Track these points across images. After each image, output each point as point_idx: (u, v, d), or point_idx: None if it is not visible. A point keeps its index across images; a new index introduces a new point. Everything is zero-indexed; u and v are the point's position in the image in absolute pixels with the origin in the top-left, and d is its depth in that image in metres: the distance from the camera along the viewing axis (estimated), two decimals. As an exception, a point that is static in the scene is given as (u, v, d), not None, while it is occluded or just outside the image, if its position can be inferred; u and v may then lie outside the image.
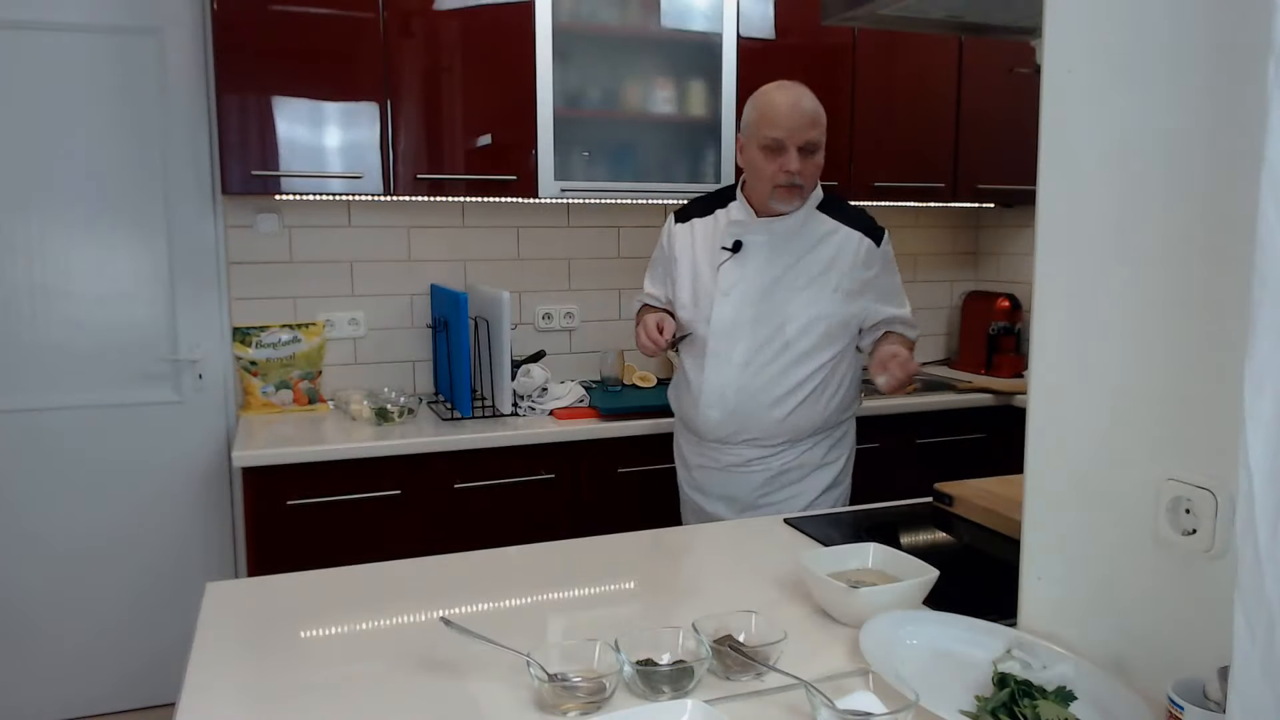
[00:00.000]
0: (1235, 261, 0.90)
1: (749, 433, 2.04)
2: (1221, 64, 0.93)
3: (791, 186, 1.95)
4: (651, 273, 2.25)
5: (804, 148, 1.94)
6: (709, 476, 2.12)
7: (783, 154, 1.93)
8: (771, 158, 1.94)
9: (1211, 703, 0.86)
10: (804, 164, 1.95)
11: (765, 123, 1.94)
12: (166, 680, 2.73)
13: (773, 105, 1.95)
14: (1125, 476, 1.06)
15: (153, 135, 2.71)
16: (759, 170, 1.97)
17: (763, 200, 2.00)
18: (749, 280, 2.01)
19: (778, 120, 1.93)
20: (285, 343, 2.79)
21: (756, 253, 2.02)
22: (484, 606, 1.36)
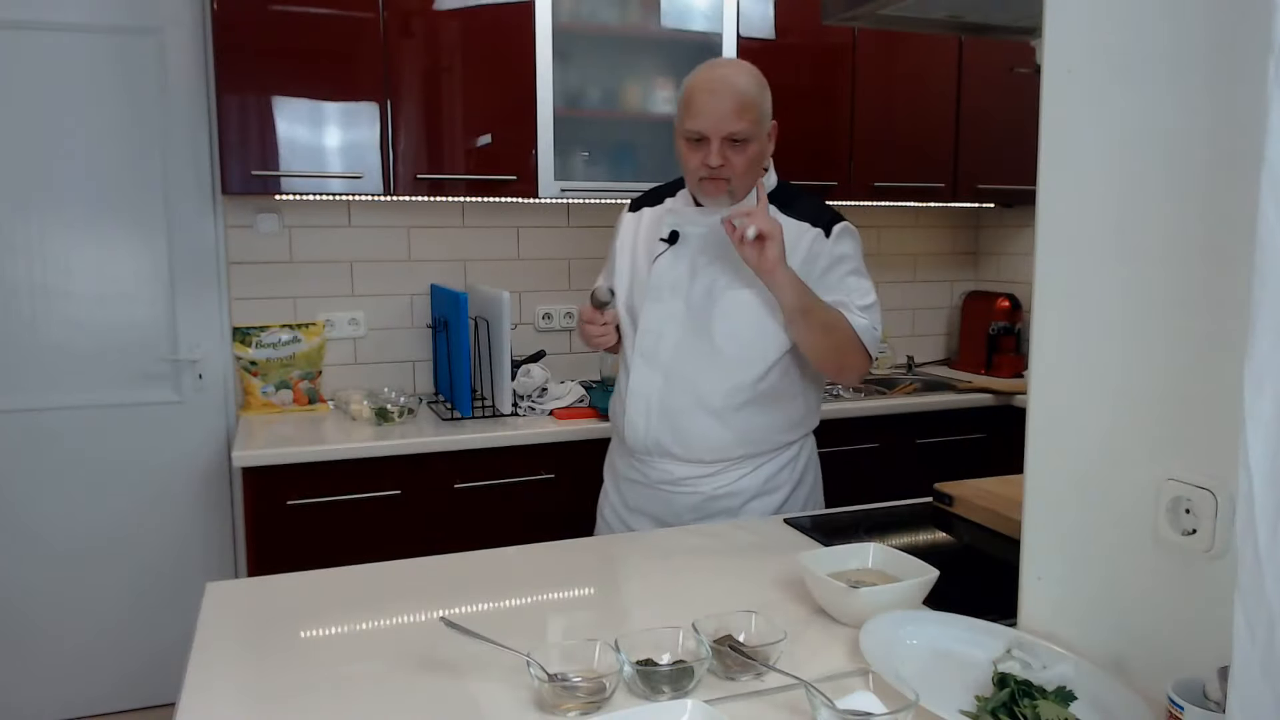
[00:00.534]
0: (1235, 261, 0.90)
1: (675, 447, 1.82)
2: (1221, 64, 0.93)
3: (716, 179, 1.77)
4: (605, 268, 2.03)
5: (731, 138, 1.73)
6: (638, 493, 1.90)
7: (704, 147, 1.74)
8: (693, 150, 1.76)
9: (1211, 703, 0.86)
10: (732, 156, 1.74)
11: (686, 112, 1.75)
12: (166, 680, 2.73)
13: (695, 94, 1.74)
14: (1125, 476, 1.06)
15: (153, 135, 2.71)
16: (684, 161, 1.80)
17: (692, 187, 1.84)
18: (683, 276, 1.82)
19: (698, 110, 1.73)
20: (285, 343, 2.79)
21: (694, 245, 1.83)
22: (484, 606, 1.36)
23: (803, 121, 3.00)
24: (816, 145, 3.05)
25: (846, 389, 3.30)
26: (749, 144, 1.75)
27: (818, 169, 3.05)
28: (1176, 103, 0.98)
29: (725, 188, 1.78)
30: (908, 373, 3.45)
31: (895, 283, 3.63)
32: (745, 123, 1.72)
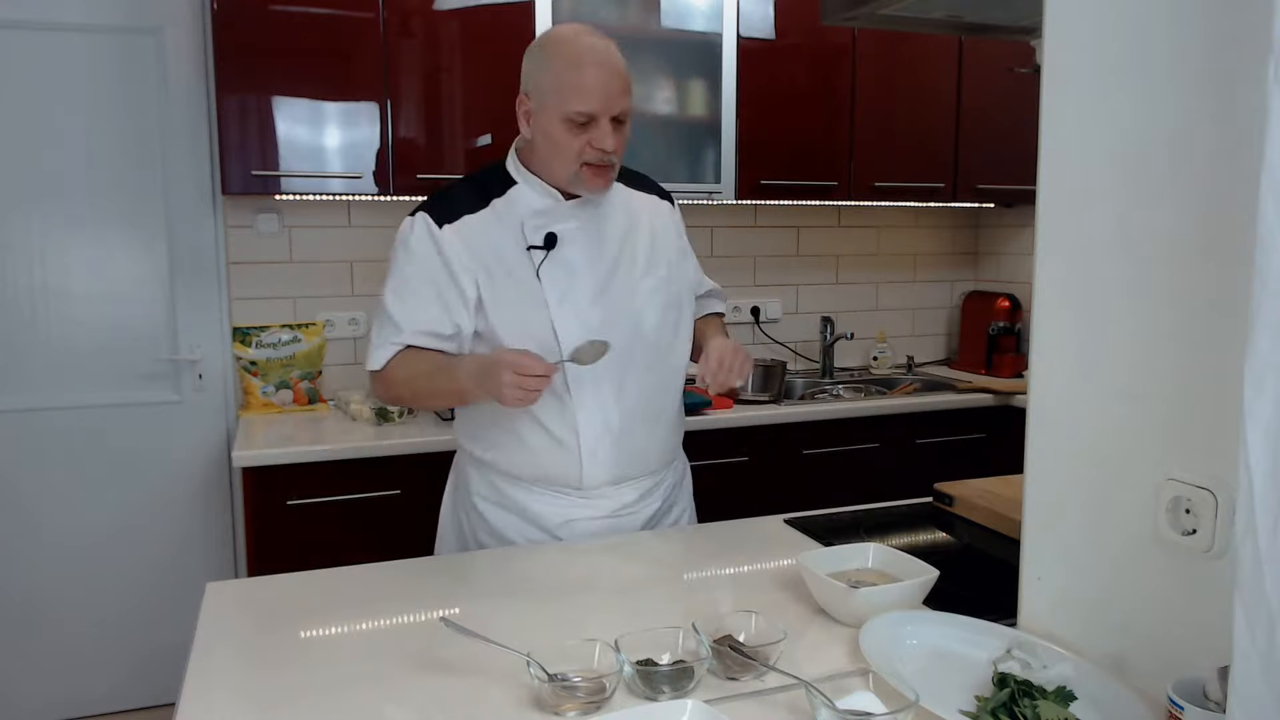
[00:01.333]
0: (1235, 261, 0.90)
1: (637, 466, 1.68)
2: (1221, 64, 0.93)
3: (603, 166, 1.57)
4: (410, 298, 1.60)
5: (617, 118, 1.56)
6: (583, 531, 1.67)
7: (592, 129, 1.54)
8: (578, 132, 1.54)
9: (1211, 703, 0.86)
10: (617, 137, 1.57)
11: (571, 92, 1.53)
12: (166, 680, 2.72)
13: (580, 69, 1.53)
14: (1125, 476, 1.06)
15: (153, 135, 2.71)
16: (560, 146, 1.56)
17: (561, 181, 1.61)
18: (580, 279, 1.61)
19: (588, 90, 1.52)
20: (285, 343, 2.79)
21: (574, 244, 1.61)
22: (484, 606, 1.36)
23: (803, 121, 3.01)
24: (816, 145, 3.05)
25: (846, 389, 3.30)
26: (626, 124, 1.60)
27: (818, 169, 3.06)
28: (1176, 103, 0.98)
29: (612, 174, 1.61)
30: (908, 373, 3.46)
31: (895, 283, 3.63)
32: (628, 100, 1.58)
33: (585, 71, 1.53)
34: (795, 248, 3.44)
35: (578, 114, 1.53)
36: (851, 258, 3.54)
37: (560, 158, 1.58)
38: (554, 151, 1.58)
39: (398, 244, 1.64)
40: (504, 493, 1.69)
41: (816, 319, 3.43)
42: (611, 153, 1.56)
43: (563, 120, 1.55)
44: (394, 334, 1.60)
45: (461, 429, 1.75)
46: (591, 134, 1.55)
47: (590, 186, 1.59)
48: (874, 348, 3.50)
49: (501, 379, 1.43)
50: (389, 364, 1.61)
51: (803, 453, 2.82)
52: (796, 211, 3.41)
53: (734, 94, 2.87)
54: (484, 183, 1.67)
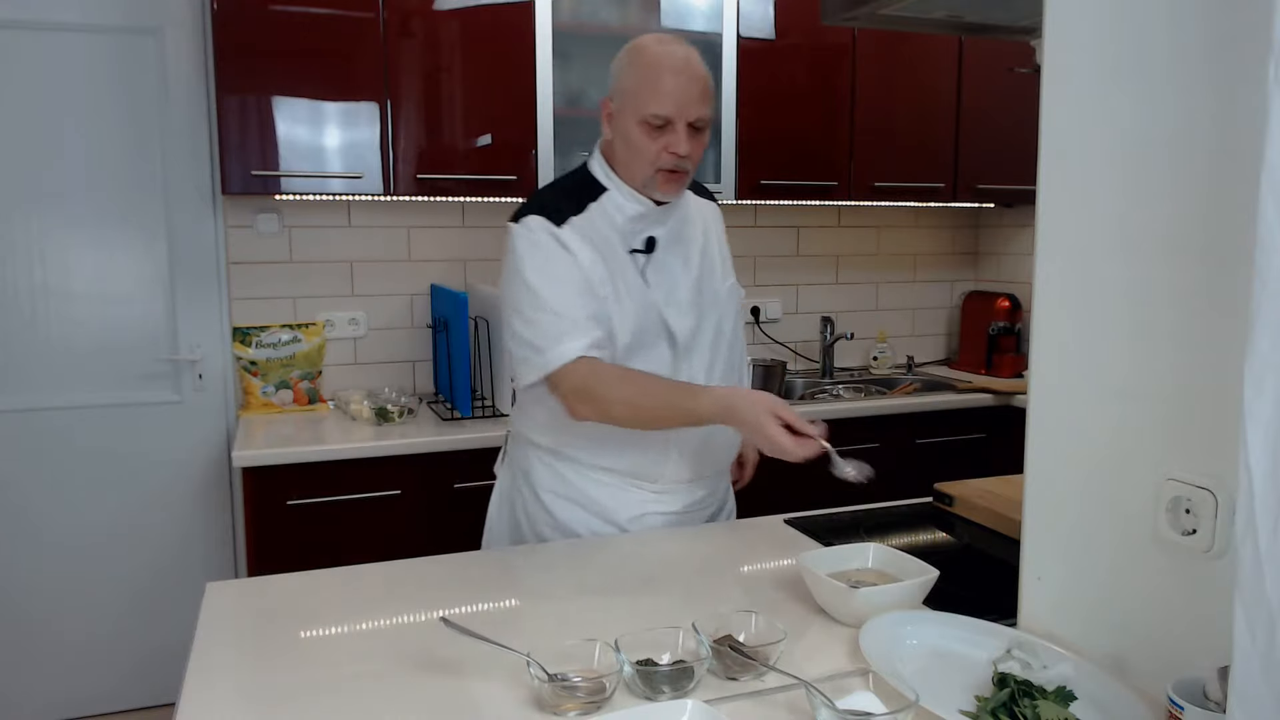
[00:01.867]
0: (1235, 261, 0.90)
1: (714, 462, 1.74)
2: (1221, 64, 0.93)
3: (676, 171, 1.61)
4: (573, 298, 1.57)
5: (694, 124, 1.59)
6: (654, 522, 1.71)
7: (669, 132, 1.58)
8: (655, 136, 1.58)
9: (1211, 703, 0.86)
10: (693, 144, 1.60)
11: (650, 94, 1.56)
12: (166, 680, 2.73)
13: (659, 72, 1.57)
14: (1125, 476, 1.06)
15: (153, 135, 2.71)
16: (638, 150, 1.59)
17: (636, 184, 1.64)
18: (678, 282, 1.67)
19: (666, 92, 1.56)
20: (285, 343, 2.79)
21: (669, 249, 1.68)
22: (484, 606, 1.36)
23: (803, 121, 3.01)
24: (816, 145, 3.05)
25: (846, 389, 3.30)
26: (705, 131, 1.63)
27: (818, 169, 3.06)
28: (1176, 103, 0.98)
29: (684, 180, 1.65)
30: (908, 373, 3.46)
31: (895, 283, 3.63)
32: (707, 107, 1.61)
33: (663, 76, 1.57)
34: (795, 248, 3.44)
35: (654, 116, 1.57)
36: (851, 258, 3.54)
37: (637, 160, 1.61)
38: (631, 154, 1.61)
39: (520, 250, 1.60)
40: (574, 486, 1.70)
41: (816, 319, 3.43)
42: (685, 158, 1.59)
43: (639, 123, 1.58)
44: (570, 326, 1.54)
45: (527, 421, 1.74)
46: (668, 138, 1.58)
47: (663, 191, 1.63)
48: (874, 348, 3.50)
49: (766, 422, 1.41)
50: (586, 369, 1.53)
51: (803, 453, 2.82)
52: (796, 211, 3.41)
53: (734, 94, 2.87)
54: (573, 188, 1.68)
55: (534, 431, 1.73)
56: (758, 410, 1.42)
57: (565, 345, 1.54)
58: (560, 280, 1.57)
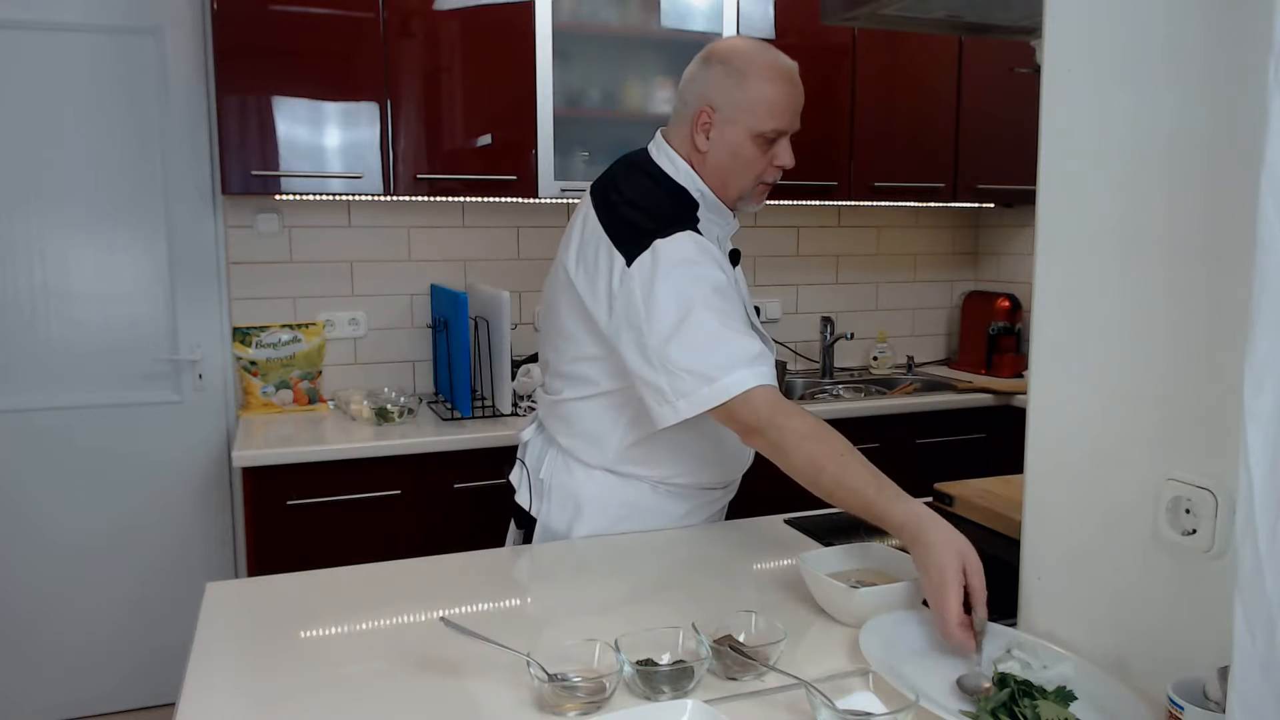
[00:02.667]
0: (1235, 261, 0.90)
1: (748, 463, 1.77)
2: (1222, 64, 0.93)
3: (770, 184, 1.62)
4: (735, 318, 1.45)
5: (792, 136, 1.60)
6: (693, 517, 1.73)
7: (778, 145, 1.58)
8: (766, 149, 1.56)
9: (1211, 703, 0.86)
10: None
11: (769, 108, 1.53)
12: (166, 680, 2.73)
13: (778, 85, 1.54)
14: (1125, 476, 1.06)
15: (153, 135, 2.71)
16: (748, 163, 1.57)
17: (731, 197, 1.61)
18: (747, 293, 1.71)
19: (783, 107, 1.54)
20: (285, 343, 2.79)
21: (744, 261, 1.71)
22: (484, 606, 1.36)
23: (803, 121, 3.00)
24: (816, 145, 3.04)
25: (846, 389, 3.30)
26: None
27: (818, 169, 3.06)
28: (1177, 103, 0.98)
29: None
30: (908, 373, 3.46)
31: (895, 283, 3.63)
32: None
33: (781, 88, 1.54)
34: (795, 248, 3.44)
35: (773, 131, 1.55)
36: (851, 258, 3.54)
37: (743, 174, 1.57)
38: (739, 167, 1.57)
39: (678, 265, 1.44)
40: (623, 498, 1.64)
41: (816, 319, 3.43)
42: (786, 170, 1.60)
43: (753, 136, 1.54)
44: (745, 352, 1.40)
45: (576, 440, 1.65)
46: (776, 151, 1.57)
47: (757, 202, 1.64)
48: (874, 348, 3.51)
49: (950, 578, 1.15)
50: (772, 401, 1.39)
51: (803, 453, 2.82)
52: (796, 211, 3.41)
53: (734, 94, 2.86)
54: (676, 203, 1.57)
55: (586, 451, 1.64)
56: (948, 552, 1.17)
57: (742, 372, 1.38)
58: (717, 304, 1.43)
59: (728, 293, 1.46)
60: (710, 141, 1.57)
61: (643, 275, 1.45)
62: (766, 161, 1.57)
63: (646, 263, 1.45)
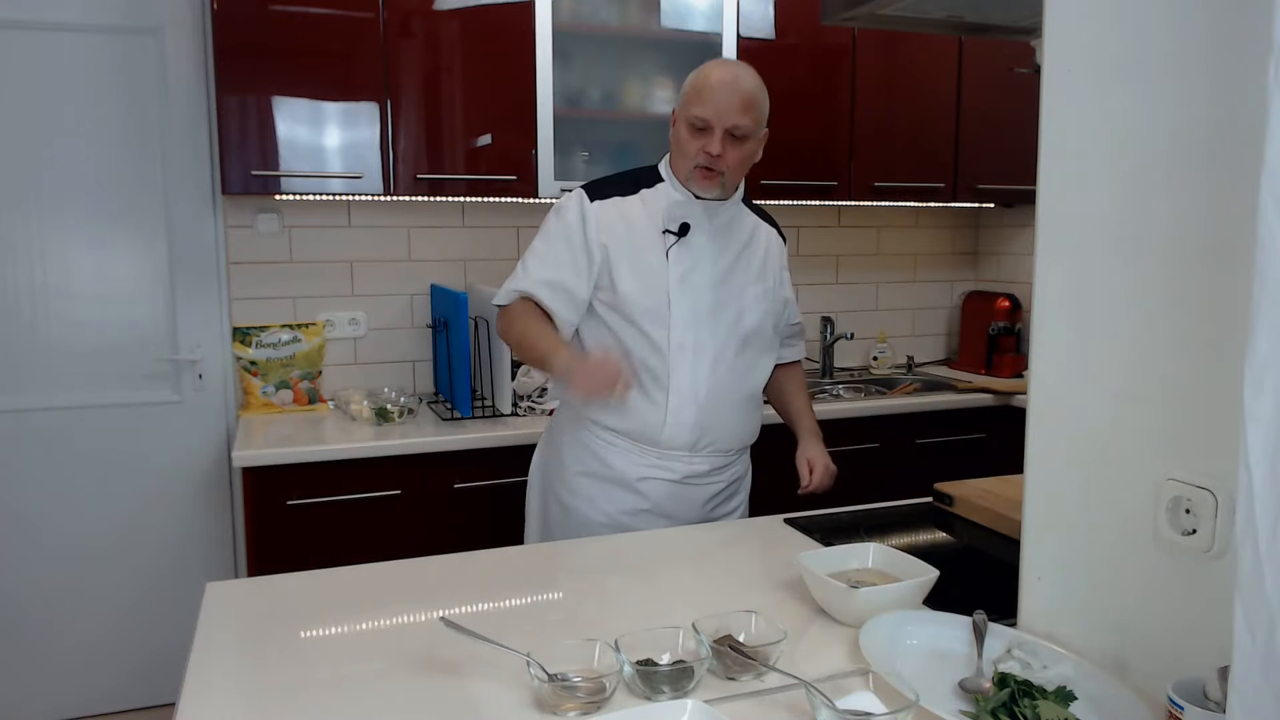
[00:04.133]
0: (1235, 261, 0.90)
1: (712, 438, 1.86)
2: (1221, 64, 0.93)
3: (710, 170, 1.80)
4: (551, 258, 1.86)
5: (731, 131, 1.78)
6: (656, 489, 1.86)
7: (707, 135, 1.79)
8: (696, 136, 1.80)
9: (1211, 703, 0.86)
10: (728, 150, 1.79)
11: (696, 99, 1.79)
12: (166, 680, 2.73)
13: (706, 82, 1.80)
14: (1125, 476, 1.06)
15: (153, 135, 2.71)
16: (683, 147, 1.82)
17: (681, 177, 1.86)
18: (702, 267, 1.85)
19: (707, 99, 1.78)
20: (285, 343, 2.79)
21: (702, 238, 1.86)
22: (484, 606, 1.36)
23: (803, 121, 3.01)
24: (816, 145, 3.05)
25: (846, 389, 3.30)
26: (746, 142, 1.81)
27: (818, 169, 3.06)
28: (1176, 103, 0.98)
29: (718, 180, 1.82)
30: (908, 373, 3.46)
31: (895, 283, 3.63)
32: (748, 119, 1.78)
33: (708, 84, 1.79)
34: (795, 248, 3.44)
35: (695, 118, 1.78)
36: (851, 258, 3.54)
37: (681, 156, 1.84)
38: (677, 149, 1.85)
39: (552, 211, 1.91)
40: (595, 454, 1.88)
41: (816, 319, 3.42)
42: (718, 158, 1.78)
43: (686, 124, 1.81)
44: (521, 280, 1.87)
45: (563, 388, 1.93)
46: (705, 140, 1.78)
47: (700, 186, 1.83)
48: (874, 348, 3.51)
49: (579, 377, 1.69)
50: (513, 306, 1.88)
51: (803, 453, 2.82)
52: (796, 211, 3.41)
53: (734, 94, 2.86)
54: (638, 175, 1.92)
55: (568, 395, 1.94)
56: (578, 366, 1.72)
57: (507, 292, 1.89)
58: (549, 246, 1.87)
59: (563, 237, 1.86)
60: (671, 135, 1.89)
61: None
62: (698, 147, 1.79)
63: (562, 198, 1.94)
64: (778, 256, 2.00)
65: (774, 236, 2.00)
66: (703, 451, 1.87)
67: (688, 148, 1.81)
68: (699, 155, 1.79)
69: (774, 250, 1.98)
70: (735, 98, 1.77)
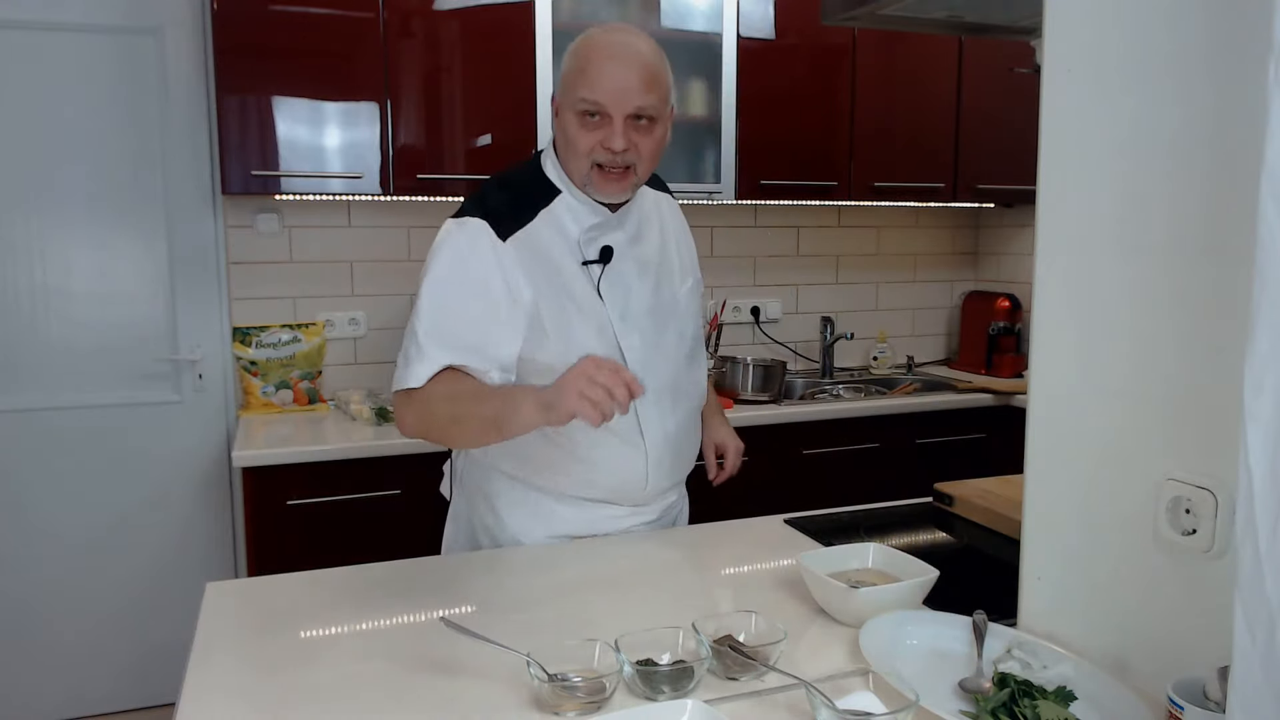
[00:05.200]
0: (1236, 261, 0.90)
1: (683, 470, 1.66)
2: (1222, 64, 0.93)
3: (615, 169, 1.45)
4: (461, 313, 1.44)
5: (635, 116, 1.43)
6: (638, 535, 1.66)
7: (604, 125, 1.43)
8: (590, 128, 1.43)
9: (1211, 703, 0.86)
10: (638, 139, 1.44)
11: (582, 80, 1.42)
12: (166, 680, 2.73)
13: (591, 58, 1.43)
14: (1125, 476, 1.06)
15: (153, 135, 2.71)
16: (571, 141, 1.45)
17: (577, 182, 1.50)
18: (634, 291, 1.54)
19: (596, 78, 1.41)
20: (285, 343, 2.79)
21: (625, 256, 1.53)
22: (484, 606, 1.36)
23: (803, 121, 3.01)
24: (816, 145, 3.05)
25: (846, 389, 3.30)
26: (655, 124, 1.47)
27: (818, 169, 3.06)
28: (1176, 103, 0.98)
29: (629, 180, 1.48)
30: (908, 373, 3.46)
31: (895, 283, 3.63)
32: (654, 97, 1.44)
33: (596, 61, 1.42)
34: (795, 248, 3.44)
35: (583, 102, 1.42)
36: (851, 258, 3.54)
37: (572, 155, 1.47)
38: (567, 148, 1.48)
39: (446, 251, 1.46)
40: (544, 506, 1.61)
41: (816, 319, 3.43)
42: (622, 153, 1.43)
43: (574, 113, 1.44)
44: (437, 349, 1.40)
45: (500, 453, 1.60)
46: (603, 131, 1.43)
47: (601, 191, 1.48)
48: (874, 348, 3.50)
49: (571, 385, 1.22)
50: (423, 387, 1.39)
51: (803, 453, 2.82)
52: (796, 211, 3.41)
53: (734, 94, 2.87)
54: (526, 189, 1.52)
55: (501, 459, 1.61)
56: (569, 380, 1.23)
57: (423, 367, 1.39)
58: (464, 301, 1.44)
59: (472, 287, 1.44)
60: (556, 128, 1.51)
61: (435, 242, 1.49)
62: (594, 142, 1.43)
63: (441, 232, 1.50)
64: (681, 225, 1.69)
65: (665, 201, 1.69)
66: (677, 483, 1.69)
67: (579, 143, 1.44)
68: (597, 151, 1.43)
69: (676, 222, 1.68)
70: (633, 72, 1.41)
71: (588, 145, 1.44)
